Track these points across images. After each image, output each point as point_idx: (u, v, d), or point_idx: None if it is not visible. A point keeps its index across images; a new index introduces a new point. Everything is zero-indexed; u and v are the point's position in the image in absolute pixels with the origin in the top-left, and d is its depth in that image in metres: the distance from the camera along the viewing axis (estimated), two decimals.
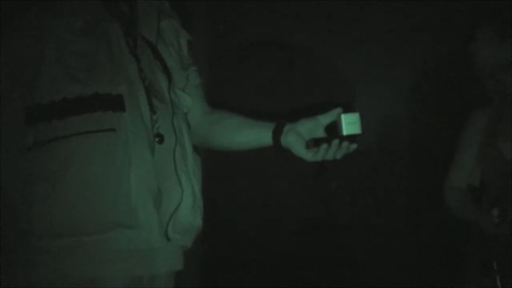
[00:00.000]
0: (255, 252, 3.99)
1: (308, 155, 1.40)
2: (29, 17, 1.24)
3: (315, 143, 1.37)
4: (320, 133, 1.41)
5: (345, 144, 1.36)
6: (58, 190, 1.19)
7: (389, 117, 4.20)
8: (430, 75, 4.16)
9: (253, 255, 3.97)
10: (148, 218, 1.25)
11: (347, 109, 1.38)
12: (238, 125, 1.53)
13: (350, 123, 1.36)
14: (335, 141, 1.35)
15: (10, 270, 1.23)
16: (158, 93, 1.36)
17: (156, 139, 1.31)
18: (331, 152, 1.37)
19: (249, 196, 4.07)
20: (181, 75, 1.49)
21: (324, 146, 1.36)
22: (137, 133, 1.26)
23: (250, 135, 1.50)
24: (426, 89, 4.17)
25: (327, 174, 3.93)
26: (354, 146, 1.38)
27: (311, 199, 4.11)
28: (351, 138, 1.37)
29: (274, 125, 1.46)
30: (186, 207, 1.37)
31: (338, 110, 1.39)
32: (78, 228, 1.20)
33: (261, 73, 4.10)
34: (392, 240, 4.01)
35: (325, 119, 1.41)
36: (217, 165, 3.71)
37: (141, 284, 1.31)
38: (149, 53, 1.37)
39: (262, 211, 4.02)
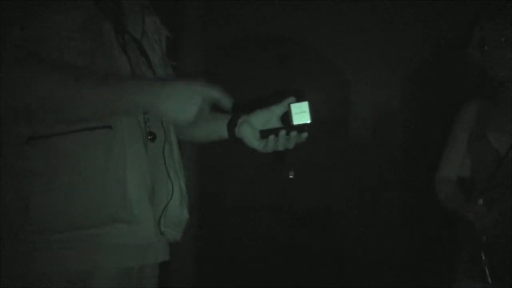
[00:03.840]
0: (249, 246, 4.01)
1: (259, 146, 1.42)
2: (29, 11, 1.23)
3: (262, 135, 1.39)
4: (275, 123, 1.42)
5: (293, 134, 1.36)
6: (54, 185, 1.21)
7: (383, 111, 4.22)
8: (424, 70, 4.17)
9: (247, 250, 3.99)
10: (144, 213, 1.29)
11: (300, 98, 1.37)
12: (198, 120, 1.53)
13: (299, 113, 1.35)
14: (282, 132, 1.36)
15: (6, 265, 1.24)
16: None
17: (149, 137, 1.34)
18: (281, 142, 1.38)
19: (243, 191, 4.09)
20: (163, 71, 1.51)
21: (271, 137, 1.37)
22: (131, 131, 1.29)
23: (209, 129, 1.53)
24: (420, 84, 4.19)
25: (285, 163, 3.93)
26: (304, 135, 1.37)
27: (304, 192, 4.14)
28: (300, 127, 1.36)
29: (229, 118, 1.48)
30: (175, 201, 1.40)
31: (290, 99, 1.39)
32: (74, 223, 1.23)
33: (256, 67, 4.11)
34: (385, 232, 4.04)
35: (278, 109, 1.42)
36: (211, 161, 3.73)
37: (131, 274, 1.34)
38: (135, 50, 1.39)
39: (257, 204, 4.04)
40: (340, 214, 4.12)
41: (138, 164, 1.29)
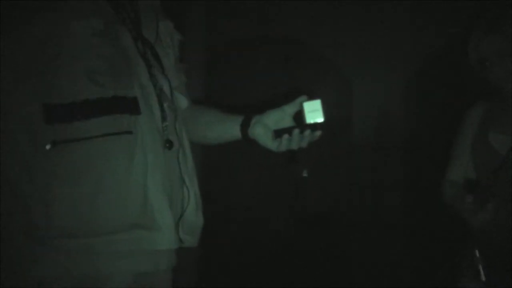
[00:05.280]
0: (252, 247, 4.01)
1: (273, 146, 1.42)
2: (48, 16, 1.23)
3: (276, 134, 1.38)
4: (288, 122, 1.42)
5: (307, 132, 1.37)
6: (78, 190, 1.21)
7: (386, 113, 4.22)
8: (426, 72, 4.17)
9: (250, 251, 3.98)
10: (164, 219, 1.29)
11: (312, 97, 1.38)
12: (210, 121, 1.56)
13: (312, 111, 1.36)
14: (296, 131, 1.36)
15: (17, 266, 1.23)
16: (167, 98, 1.40)
17: (167, 145, 1.35)
18: (295, 141, 1.38)
19: (246, 192, 4.09)
20: (175, 76, 1.52)
21: (285, 136, 1.37)
22: (151, 136, 1.30)
23: (221, 130, 1.53)
24: (422, 86, 4.19)
25: (298, 163, 3.93)
26: (317, 133, 1.38)
27: (306, 194, 4.14)
28: (313, 126, 1.36)
29: (242, 118, 1.49)
30: (191, 207, 1.42)
31: (302, 98, 1.39)
32: (96, 228, 1.23)
33: (258, 69, 4.11)
34: (387, 235, 4.03)
35: (290, 108, 1.42)
36: (215, 162, 3.73)
37: (145, 280, 1.34)
38: (150, 55, 1.39)
39: (259, 206, 4.04)
40: (342, 216, 4.12)
41: (158, 170, 1.29)
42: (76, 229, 1.21)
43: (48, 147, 1.20)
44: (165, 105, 1.37)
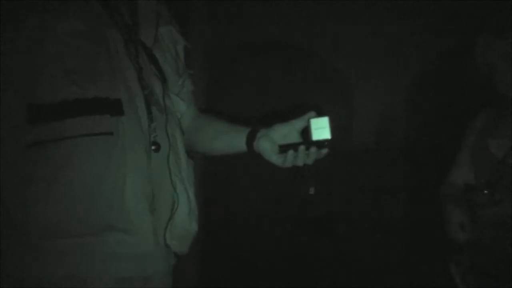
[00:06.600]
0: (254, 251, 4.01)
1: (278, 161, 1.39)
2: (32, 17, 1.23)
3: (281, 149, 1.35)
4: (295, 137, 1.39)
5: (313, 149, 1.34)
6: (54, 191, 1.20)
7: (388, 116, 4.22)
8: (428, 76, 4.17)
9: (252, 254, 3.98)
10: (142, 223, 1.27)
11: (320, 113, 1.34)
12: (216, 132, 1.54)
13: (319, 128, 1.33)
14: (301, 148, 1.33)
15: (5, 268, 1.24)
16: (157, 102, 1.37)
17: (153, 147, 1.32)
18: (300, 158, 1.35)
19: (248, 196, 4.09)
20: (175, 81, 1.51)
21: (290, 152, 1.35)
22: (134, 138, 1.27)
23: (227, 141, 1.51)
24: (424, 89, 4.19)
25: (305, 179, 3.91)
26: (324, 151, 1.35)
27: (310, 197, 4.13)
28: (320, 143, 1.33)
29: (248, 131, 1.46)
30: (182, 213, 1.38)
31: (310, 114, 1.37)
32: (72, 229, 1.22)
33: (260, 72, 4.12)
34: (390, 237, 4.03)
35: (298, 123, 1.39)
36: (216, 167, 3.73)
37: (132, 285, 1.31)
38: (144, 57, 1.38)
39: (262, 208, 4.04)
40: (344, 220, 4.12)
41: (139, 172, 1.27)
42: (50, 229, 1.21)
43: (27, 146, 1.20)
44: (153, 107, 1.35)
